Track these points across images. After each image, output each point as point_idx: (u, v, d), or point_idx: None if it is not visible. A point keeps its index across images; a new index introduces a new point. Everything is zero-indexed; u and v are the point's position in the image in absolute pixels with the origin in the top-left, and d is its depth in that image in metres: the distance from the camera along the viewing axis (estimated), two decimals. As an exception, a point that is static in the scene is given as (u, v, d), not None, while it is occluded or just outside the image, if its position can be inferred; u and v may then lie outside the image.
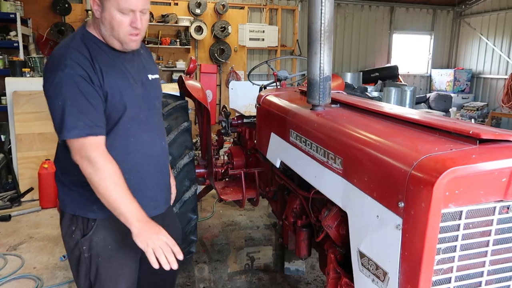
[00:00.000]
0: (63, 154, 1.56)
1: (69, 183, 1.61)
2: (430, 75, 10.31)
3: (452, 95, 9.34)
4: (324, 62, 1.76)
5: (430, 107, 9.21)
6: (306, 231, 2.16)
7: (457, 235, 1.12)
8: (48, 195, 4.58)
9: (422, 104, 9.23)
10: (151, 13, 7.31)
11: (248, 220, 4.38)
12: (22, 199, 4.69)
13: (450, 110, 8.95)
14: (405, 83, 9.03)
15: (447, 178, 1.02)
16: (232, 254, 3.62)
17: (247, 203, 3.27)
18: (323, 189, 1.67)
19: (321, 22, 1.71)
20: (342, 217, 1.69)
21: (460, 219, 1.10)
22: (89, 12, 6.98)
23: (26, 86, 4.90)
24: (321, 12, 1.69)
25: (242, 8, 8.23)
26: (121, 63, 1.57)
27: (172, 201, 1.90)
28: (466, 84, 9.75)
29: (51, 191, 4.58)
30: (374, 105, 1.85)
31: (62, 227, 1.66)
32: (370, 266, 1.32)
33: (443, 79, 9.95)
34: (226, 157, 3.56)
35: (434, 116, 1.50)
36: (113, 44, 1.53)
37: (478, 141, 1.15)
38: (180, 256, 1.43)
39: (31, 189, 4.75)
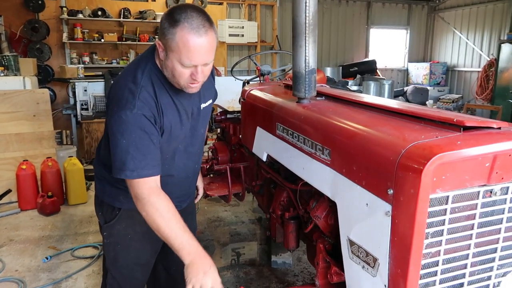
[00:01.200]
0: (104, 154, 1.65)
1: (102, 176, 1.71)
2: (407, 69, 10.53)
3: (429, 88, 9.57)
4: (309, 55, 1.78)
5: (407, 100, 9.41)
6: (294, 223, 2.18)
7: (444, 219, 1.16)
8: (26, 197, 4.47)
9: (400, 97, 9.41)
10: (127, 10, 7.20)
11: (233, 215, 4.39)
12: (0, 202, 4.56)
13: (426, 102, 9.17)
14: (383, 77, 9.19)
15: (434, 164, 1.05)
16: (218, 249, 3.62)
17: (232, 198, 3.28)
18: (312, 180, 1.69)
19: (305, 15, 1.73)
20: (330, 207, 1.72)
21: (446, 203, 1.14)
22: (64, 8, 6.83)
23: (1, 86, 4.76)
24: (306, 5, 1.71)
25: (221, 4, 8.20)
26: (179, 101, 1.59)
27: (197, 200, 2.04)
28: (442, 77, 10.00)
29: (30, 192, 4.48)
30: (358, 96, 1.89)
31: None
32: (360, 254, 1.35)
33: (419, 72, 10.18)
34: (210, 153, 3.56)
35: (417, 106, 1.54)
36: (174, 85, 1.54)
37: (462, 129, 1.19)
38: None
39: (9, 191, 4.62)
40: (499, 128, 1.21)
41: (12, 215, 4.32)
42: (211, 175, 3.56)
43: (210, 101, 1.80)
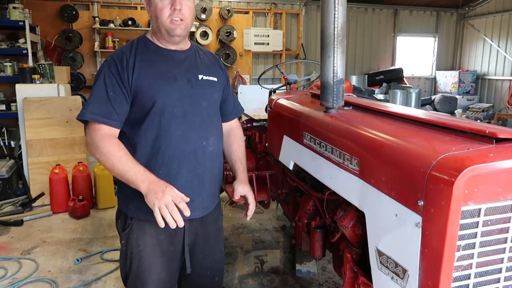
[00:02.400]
0: None
1: (119, 182, 1.72)
2: (435, 77, 10.33)
3: (457, 96, 9.35)
4: (337, 65, 1.80)
5: (435, 109, 9.22)
6: (321, 232, 2.18)
7: (476, 232, 1.15)
8: (59, 200, 4.64)
9: (427, 106, 9.25)
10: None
11: (257, 222, 4.41)
12: (34, 204, 4.75)
13: (455, 111, 8.96)
14: (410, 85, 9.05)
15: (466, 177, 1.05)
16: (242, 256, 3.64)
17: (257, 205, 3.30)
18: (339, 190, 1.70)
19: (334, 26, 1.75)
20: (358, 217, 1.71)
21: (478, 216, 1.13)
22: (96, 18, 7.08)
23: (36, 93, 4.98)
24: (335, 17, 1.73)
25: (247, 12, 8.30)
26: (162, 60, 1.68)
27: (249, 214, 1.93)
28: (471, 86, 9.75)
29: (62, 196, 4.65)
30: (386, 106, 1.89)
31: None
32: (389, 264, 1.35)
33: (447, 81, 9.96)
34: (236, 160, 3.59)
35: (447, 117, 1.53)
36: (163, 36, 1.66)
37: (494, 141, 1.18)
38: (187, 213, 1.49)
39: (42, 194, 4.80)
40: (534, 140, 1.19)
41: (44, 217, 4.49)
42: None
43: (215, 78, 1.80)
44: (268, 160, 3.27)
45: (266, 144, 2.93)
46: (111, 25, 7.13)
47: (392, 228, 1.32)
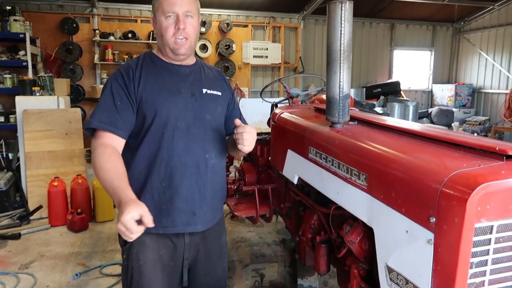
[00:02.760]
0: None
1: None
2: (431, 90, 10.42)
3: (454, 109, 9.43)
4: (343, 81, 1.82)
5: (432, 122, 9.29)
6: (325, 247, 2.17)
7: (488, 249, 1.15)
8: (57, 213, 4.60)
9: (424, 119, 9.31)
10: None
11: (258, 236, 4.38)
12: (31, 217, 4.70)
13: (452, 124, 9.02)
14: (408, 99, 9.12)
15: (479, 194, 1.05)
16: (243, 270, 3.61)
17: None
18: (346, 205, 1.70)
19: (340, 43, 1.77)
20: (365, 232, 1.71)
21: (491, 233, 1.13)
22: (96, 31, 7.12)
23: (36, 105, 4.97)
24: (341, 33, 1.76)
25: (246, 26, 8.38)
26: (167, 74, 1.71)
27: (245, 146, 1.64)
28: (467, 99, 9.85)
29: (60, 208, 4.61)
30: (392, 121, 1.90)
31: None
32: (400, 281, 1.34)
33: (444, 94, 10.06)
34: (237, 174, 3.59)
35: (455, 132, 1.54)
36: (167, 54, 1.70)
37: (505, 157, 1.19)
38: (150, 225, 1.37)
39: (40, 207, 4.76)
40: (543, 157, 1.20)
41: (42, 230, 4.44)
42: (237, 196, 3.59)
43: (219, 92, 1.81)
44: (270, 174, 3.27)
45: (269, 158, 2.94)
46: (111, 38, 7.17)
47: (403, 244, 1.31)
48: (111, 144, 1.58)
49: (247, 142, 1.61)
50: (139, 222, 1.34)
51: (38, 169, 4.85)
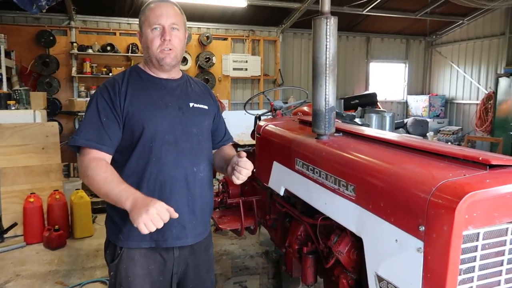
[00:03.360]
0: None
1: (108, 211, 1.71)
2: (406, 101, 10.72)
3: (428, 120, 9.71)
4: (329, 93, 1.85)
5: (408, 132, 9.52)
6: (313, 258, 2.19)
7: (475, 256, 1.18)
8: (33, 230, 4.45)
9: (401, 129, 9.53)
10: (135, 45, 7.40)
11: (241, 248, 4.36)
12: (5, 235, 4.52)
13: (427, 134, 9.28)
14: (384, 109, 9.34)
15: (467, 202, 1.09)
16: (227, 284, 3.57)
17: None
18: (335, 216, 1.72)
19: (326, 57, 1.81)
20: (353, 243, 1.74)
21: (477, 240, 1.17)
22: (74, 44, 7.02)
23: (11, 119, 4.83)
24: (326, 47, 1.80)
25: (225, 39, 8.44)
26: (154, 88, 1.70)
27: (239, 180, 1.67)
28: (441, 109, 10.17)
29: (37, 225, 4.46)
30: (377, 133, 1.95)
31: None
32: (390, 290, 1.36)
33: (418, 104, 10.35)
34: (221, 186, 3.58)
35: (438, 143, 1.59)
36: (154, 66, 1.70)
37: (488, 167, 1.24)
38: (175, 215, 1.43)
39: (15, 225, 4.58)
40: (523, 166, 1.26)
41: (17, 249, 4.28)
42: (219, 209, 3.57)
43: (205, 106, 1.82)
44: (254, 186, 3.27)
45: (254, 170, 2.94)
46: (90, 51, 7.07)
47: (392, 253, 1.34)
48: (102, 158, 1.58)
49: (242, 178, 1.66)
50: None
51: (13, 185, 4.68)
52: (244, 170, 1.62)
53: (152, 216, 1.34)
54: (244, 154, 1.66)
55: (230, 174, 1.67)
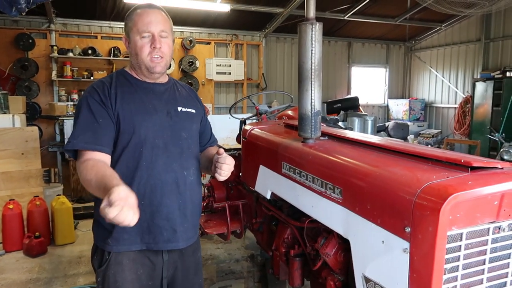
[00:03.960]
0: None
1: (96, 216, 1.70)
2: (387, 105, 10.91)
3: (409, 123, 9.91)
4: (315, 98, 1.88)
5: (389, 135, 9.69)
6: (300, 261, 2.20)
7: (459, 255, 1.22)
8: (12, 238, 4.34)
9: (382, 132, 9.70)
10: (117, 48, 7.32)
11: (226, 253, 4.35)
12: (-17, 243, 4.40)
13: (408, 137, 9.46)
14: (366, 113, 9.48)
15: (451, 204, 1.13)
16: (212, 288, 3.56)
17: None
18: (322, 218, 1.74)
19: (311, 62, 1.84)
20: (340, 245, 1.76)
21: (461, 240, 1.21)
22: (54, 47, 6.89)
23: (-11, 124, 4.71)
24: (312, 53, 1.83)
25: (208, 43, 8.43)
26: (143, 92, 1.70)
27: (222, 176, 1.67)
28: (421, 113, 10.39)
29: (16, 233, 4.35)
30: (361, 136, 1.99)
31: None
32: (377, 290, 1.39)
33: (399, 108, 10.56)
34: (206, 190, 3.57)
35: (421, 146, 1.64)
36: (143, 73, 1.69)
37: (469, 169, 1.28)
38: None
39: (-7, 232, 4.47)
40: (502, 168, 1.31)
41: (-4, 257, 4.17)
42: (204, 213, 3.57)
43: (193, 110, 1.83)
44: (240, 190, 3.28)
45: (240, 174, 2.95)
46: (70, 54, 6.96)
47: (379, 255, 1.37)
48: (105, 160, 1.57)
49: (225, 173, 1.66)
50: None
51: (-9, 192, 4.57)
52: (224, 165, 1.64)
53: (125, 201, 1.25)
54: (222, 150, 1.68)
55: (214, 173, 1.69)
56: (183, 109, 1.79)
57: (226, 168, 1.65)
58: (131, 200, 1.26)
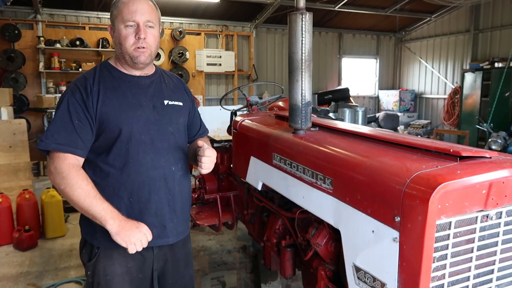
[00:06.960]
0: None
1: None
2: (378, 96, 10.97)
3: (399, 114, 9.98)
4: (305, 88, 1.88)
5: (379, 126, 9.75)
6: (291, 251, 2.22)
7: (448, 244, 1.24)
8: (2, 231, 4.29)
9: (373, 123, 9.75)
10: (106, 40, 7.23)
11: (218, 244, 4.36)
12: (-28, 238, 4.34)
13: (398, 128, 9.53)
14: (357, 104, 9.52)
15: (440, 193, 1.14)
16: (205, 280, 3.57)
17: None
18: (312, 209, 1.75)
19: (302, 52, 1.83)
20: (331, 235, 1.77)
21: (449, 229, 1.22)
22: (41, 38, 6.78)
23: (-25, 116, 4.65)
24: (302, 43, 1.82)
25: (198, 34, 8.36)
26: (127, 87, 1.65)
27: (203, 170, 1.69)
28: (411, 104, 10.47)
29: (5, 226, 4.31)
30: (351, 127, 1.99)
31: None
32: (367, 279, 1.41)
33: (389, 99, 10.62)
34: (197, 182, 3.57)
35: (411, 136, 1.64)
36: (126, 63, 1.64)
37: (458, 158, 1.29)
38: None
39: (-19, 226, 4.41)
40: (490, 157, 1.33)
41: (-15, 251, 4.13)
42: (195, 205, 3.56)
43: (180, 103, 1.79)
44: (231, 181, 3.28)
45: (231, 165, 2.95)
46: (58, 45, 6.85)
47: (369, 244, 1.38)
48: (79, 164, 1.55)
49: (206, 166, 1.66)
50: None
51: (-21, 185, 4.51)
52: (204, 157, 1.63)
53: (142, 237, 1.52)
54: (201, 143, 1.67)
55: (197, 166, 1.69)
56: (170, 102, 1.75)
57: (206, 160, 1.64)
58: (142, 230, 1.53)
